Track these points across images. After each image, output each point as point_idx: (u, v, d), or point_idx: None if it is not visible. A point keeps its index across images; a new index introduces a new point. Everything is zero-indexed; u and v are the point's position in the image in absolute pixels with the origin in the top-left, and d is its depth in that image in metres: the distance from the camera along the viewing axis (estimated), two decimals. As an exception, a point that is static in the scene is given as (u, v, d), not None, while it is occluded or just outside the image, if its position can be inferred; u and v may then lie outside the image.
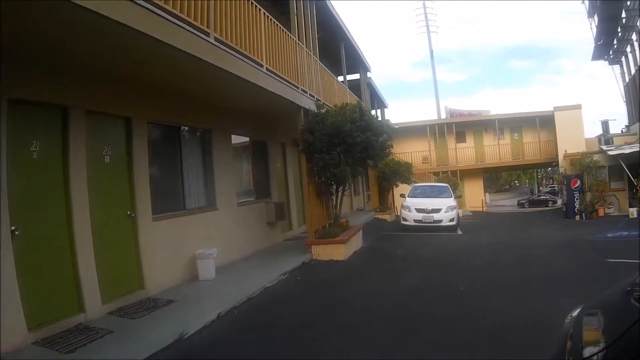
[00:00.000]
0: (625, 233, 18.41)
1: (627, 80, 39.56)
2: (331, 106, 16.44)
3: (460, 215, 32.65)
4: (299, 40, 14.86)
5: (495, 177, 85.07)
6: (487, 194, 76.79)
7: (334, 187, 15.89)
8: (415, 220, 22.21)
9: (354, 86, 27.82)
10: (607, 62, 41.09)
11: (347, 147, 14.38)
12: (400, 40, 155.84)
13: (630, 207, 26.32)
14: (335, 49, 23.01)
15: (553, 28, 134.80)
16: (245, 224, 14.41)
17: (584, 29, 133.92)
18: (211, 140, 13.02)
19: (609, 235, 18.36)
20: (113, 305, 8.49)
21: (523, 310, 7.86)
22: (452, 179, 37.51)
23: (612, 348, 2.39)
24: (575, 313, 3.42)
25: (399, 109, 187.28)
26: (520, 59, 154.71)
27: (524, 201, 53.08)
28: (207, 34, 8.54)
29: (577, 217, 27.66)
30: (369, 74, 31.30)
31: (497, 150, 42.19)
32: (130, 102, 9.65)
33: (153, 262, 9.85)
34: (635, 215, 24.75)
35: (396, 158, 37.69)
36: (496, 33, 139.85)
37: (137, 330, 7.33)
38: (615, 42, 36.87)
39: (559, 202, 36.18)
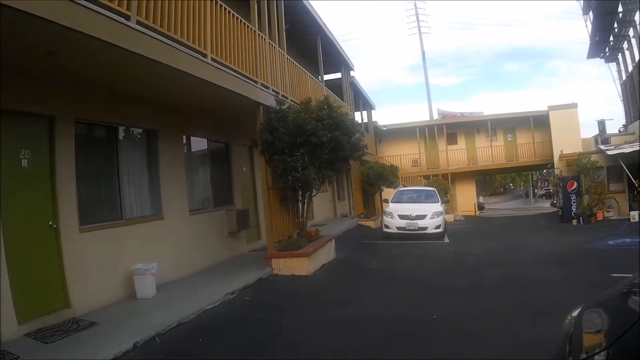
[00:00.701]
0: (629, 240, 17.16)
1: (624, 78, 38.70)
2: (296, 102, 15.17)
3: (452, 220, 32.89)
4: (260, 30, 13.65)
5: (489, 180, 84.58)
6: (481, 197, 76.68)
7: (300, 192, 14.67)
8: (398, 228, 21.05)
9: (335, 85, 26.99)
10: (603, 60, 40.29)
11: (313, 148, 13.12)
12: (394, 44, 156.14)
13: (631, 210, 25.17)
14: (312, 44, 22.27)
15: (547, 30, 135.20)
16: (199, 235, 13.30)
17: (579, 30, 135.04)
18: (157, 142, 11.92)
19: (610, 242, 17.16)
20: (32, 326, 7.63)
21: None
22: (443, 183, 36.68)
23: (612, 348, 2.38)
24: (575, 313, 3.36)
25: (394, 113, 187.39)
26: (515, 61, 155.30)
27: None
28: (128, 18, 7.37)
29: (574, 222, 26.39)
30: (352, 73, 30.48)
31: (489, 152, 41.13)
32: (54, 100, 8.60)
33: (81, 278, 8.86)
34: (637, 219, 23.54)
35: (383, 161, 37.67)
36: (490, 36, 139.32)
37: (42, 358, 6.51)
38: (611, 38, 36.07)
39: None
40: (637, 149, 24.14)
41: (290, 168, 12.96)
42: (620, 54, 37.83)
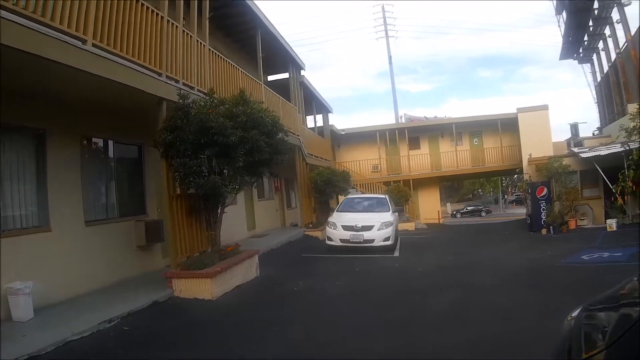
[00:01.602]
0: (606, 254, 14.86)
1: (598, 79, 37.70)
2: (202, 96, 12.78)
3: (413, 229, 31.78)
4: (168, 16, 11.60)
5: (457, 186, 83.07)
6: (448, 203, 74.87)
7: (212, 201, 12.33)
8: (341, 240, 18.84)
9: (283, 86, 25.50)
10: (576, 62, 39.38)
11: (222, 150, 11.18)
12: (366, 52, 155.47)
13: (607, 218, 22.82)
14: (251, 39, 20.84)
15: (520, 36, 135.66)
16: (99, 248, 11.45)
17: (551, 36, 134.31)
18: (45, 144, 10.20)
19: (585, 257, 14.82)
20: None
21: None
22: (403, 189, 34.60)
23: (612, 349, 2.38)
24: (574, 314, 3.24)
25: (364, 120, 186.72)
26: (487, 68, 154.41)
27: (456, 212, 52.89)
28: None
29: (544, 231, 24.09)
30: (302, 73, 28.56)
31: (454, 157, 39.16)
32: None
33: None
34: (615, 228, 21.28)
35: (342, 166, 36.68)
36: (462, 43, 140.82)
37: None
38: (585, 38, 34.84)
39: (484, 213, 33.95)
40: (616, 150, 22.02)
41: (192, 173, 11.08)
42: (595, 54, 36.84)
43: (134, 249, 12.83)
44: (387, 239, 18.83)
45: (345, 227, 18.95)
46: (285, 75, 27.09)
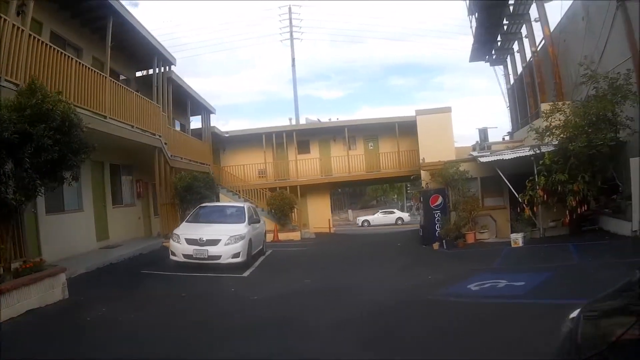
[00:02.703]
0: (503, 283, 11.86)
1: (511, 82, 36.11)
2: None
3: (298, 238, 30.20)
4: None
5: (359, 193, 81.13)
6: (350, 210, 72.60)
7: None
8: (185, 256, 16.20)
9: (146, 82, 24.66)
10: (488, 64, 37.33)
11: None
12: (280, 57, 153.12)
13: (512, 231, 20.40)
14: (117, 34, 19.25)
15: (433, 45, 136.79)
16: None
17: (465, 46, 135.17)
18: None
19: (473, 287, 11.69)
20: None
21: None
22: (287, 196, 31.98)
23: (612, 349, 2.41)
24: (574, 314, 3.12)
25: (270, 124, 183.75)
26: (401, 76, 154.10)
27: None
28: None
29: (436, 245, 21.57)
30: (173, 69, 26.52)
31: (346, 161, 36.58)
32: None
33: None
34: (520, 244, 18.87)
35: (226, 171, 35.12)
36: (375, 51, 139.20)
37: None
38: (499, 39, 32.91)
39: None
40: (524, 154, 19.90)
41: None
42: (508, 56, 35.26)
43: None
44: (236, 255, 16.39)
45: (189, 241, 16.33)
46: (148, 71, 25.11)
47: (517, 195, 19.84)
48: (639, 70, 16.66)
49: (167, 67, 25.45)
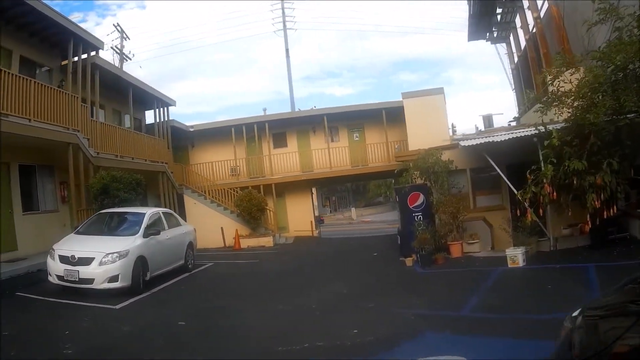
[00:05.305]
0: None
1: (515, 60, 29.72)
2: None
3: (270, 245, 25.79)
4: None
5: (362, 190, 75.31)
6: (353, 208, 66.53)
7: None
8: (57, 277, 12.14)
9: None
10: (489, 42, 31.38)
11: None
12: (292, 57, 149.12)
13: (514, 244, 14.24)
14: None
15: (440, 42, 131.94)
16: None
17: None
18: None
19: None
20: None
21: None
22: (255, 197, 26.73)
23: (612, 348, 2.38)
24: (575, 314, 3.25)
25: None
26: (411, 71, 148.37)
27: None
28: None
29: (409, 261, 15.36)
30: (101, 54, 21.67)
31: (327, 155, 30.40)
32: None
33: None
34: (520, 263, 12.80)
35: (194, 170, 30.60)
36: (385, 47, 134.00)
37: None
38: (499, 11, 27.19)
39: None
40: (524, 133, 13.93)
41: None
42: (511, 33, 29.14)
43: None
44: (114, 278, 12.01)
45: (62, 259, 12.22)
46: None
47: (515, 191, 13.74)
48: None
49: (87, 52, 20.10)
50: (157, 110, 27.96)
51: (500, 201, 17.38)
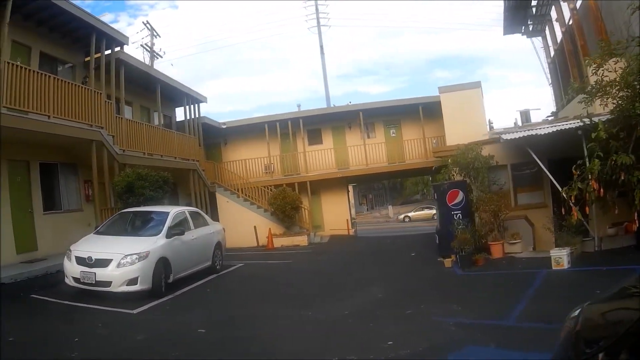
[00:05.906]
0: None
1: (552, 54, 28.45)
2: None
3: (305, 244, 25.25)
4: None
5: (399, 187, 74.49)
6: (390, 206, 65.89)
7: None
8: (74, 279, 11.59)
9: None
10: (524, 36, 30.11)
11: None
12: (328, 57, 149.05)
13: (556, 245, 13.34)
14: None
15: (476, 38, 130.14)
16: None
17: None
18: None
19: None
20: None
21: None
22: (290, 195, 26.33)
23: (614, 347, 2.37)
24: (576, 313, 3.17)
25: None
26: (446, 69, 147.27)
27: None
28: None
29: (448, 262, 14.64)
30: (126, 49, 20.96)
31: (363, 151, 29.64)
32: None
33: None
34: (565, 265, 12.00)
35: (226, 168, 30.20)
36: (420, 44, 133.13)
37: None
38: (534, 4, 25.99)
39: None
40: (567, 125, 13.09)
41: None
42: (547, 27, 27.76)
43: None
44: (133, 281, 11.40)
45: (79, 260, 11.68)
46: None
47: (559, 188, 12.96)
48: None
49: (111, 48, 19.58)
50: (187, 107, 27.47)
51: (542, 199, 16.52)
